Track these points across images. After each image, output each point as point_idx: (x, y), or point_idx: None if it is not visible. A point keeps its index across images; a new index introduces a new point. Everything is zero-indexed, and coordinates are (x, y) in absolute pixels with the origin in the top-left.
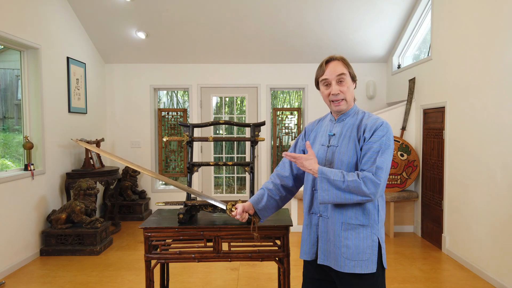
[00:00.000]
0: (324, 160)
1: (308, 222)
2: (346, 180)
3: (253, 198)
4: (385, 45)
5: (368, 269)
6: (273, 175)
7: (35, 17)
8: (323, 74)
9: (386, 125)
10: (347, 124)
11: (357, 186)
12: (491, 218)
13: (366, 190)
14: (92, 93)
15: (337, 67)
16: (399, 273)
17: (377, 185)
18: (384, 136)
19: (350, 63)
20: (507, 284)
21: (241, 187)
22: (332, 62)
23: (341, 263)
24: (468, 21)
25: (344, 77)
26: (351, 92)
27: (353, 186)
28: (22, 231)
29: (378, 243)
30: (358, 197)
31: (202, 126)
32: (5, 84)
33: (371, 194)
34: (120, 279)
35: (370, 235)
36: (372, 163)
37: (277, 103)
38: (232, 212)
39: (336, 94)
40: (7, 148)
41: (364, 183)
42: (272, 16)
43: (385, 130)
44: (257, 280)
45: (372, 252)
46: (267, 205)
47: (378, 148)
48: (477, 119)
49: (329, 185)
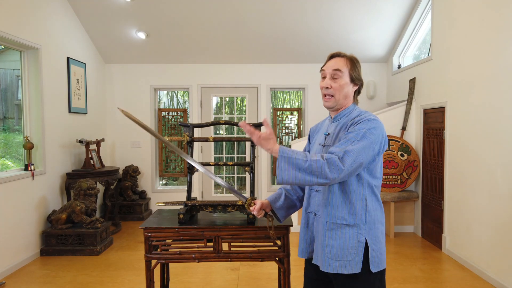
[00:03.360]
0: None
1: (305, 221)
2: (309, 159)
3: (271, 196)
4: (385, 45)
5: (352, 269)
6: None
7: (35, 17)
8: (324, 65)
9: (374, 121)
10: (340, 124)
11: (320, 166)
12: (491, 218)
13: (328, 172)
14: (92, 93)
15: (337, 63)
16: (399, 273)
17: (340, 170)
18: (365, 129)
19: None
20: (507, 284)
21: (241, 187)
22: (337, 57)
23: (325, 263)
24: (468, 21)
25: (340, 74)
26: (344, 91)
27: (316, 166)
28: (22, 231)
29: (365, 244)
30: (318, 179)
31: (202, 126)
32: (5, 84)
33: (332, 179)
34: (121, 279)
35: (356, 235)
36: (341, 148)
37: (277, 103)
38: (251, 207)
39: (325, 88)
40: (8, 148)
41: (328, 164)
42: (272, 16)
43: (369, 124)
44: (257, 280)
45: (357, 252)
46: (285, 204)
47: (354, 137)
48: (477, 119)
49: (289, 165)
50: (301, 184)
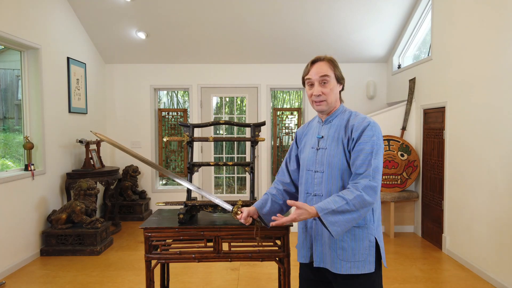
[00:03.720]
0: (315, 163)
1: (304, 226)
2: (349, 200)
3: (257, 203)
4: (385, 45)
5: (365, 269)
6: (275, 181)
7: (35, 17)
8: (308, 73)
9: (374, 124)
10: (334, 126)
11: (360, 200)
12: (491, 218)
13: (367, 198)
14: (92, 93)
15: (322, 68)
16: (399, 273)
17: (376, 189)
18: (374, 136)
19: (350, 63)
20: (507, 284)
21: (241, 187)
22: (318, 62)
23: (337, 265)
24: (468, 21)
25: (328, 79)
26: (334, 93)
27: (356, 202)
28: (22, 231)
29: (375, 243)
30: (364, 209)
31: (202, 126)
32: (6, 84)
33: (373, 201)
34: (121, 279)
35: (366, 236)
36: (367, 166)
37: (277, 103)
38: (237, 216)
39: (317, 95)
40: (8, 148)
41: (365, 193)
42: (272, 16)
43: (374, 130)
44: (257, 280)
45: (369, 252)
46: (271, 210)
47: (371, 149)
48: (478, 119)
49: (335, 216)
50: (354, 224)
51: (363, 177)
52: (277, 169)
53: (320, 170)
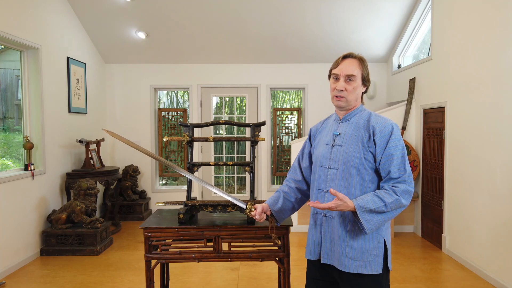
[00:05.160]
0: (329, 160)
1: (313, 222)
2: (387, 203)
3: (269, 200)
4: (385, 45)
5: (372, 270)
6: (287, 179)
7: (35, 17)
8: (336, 67)
9: (396, 126)
10: (352, 124)
11: (398, 203)
12: (491, 218)
13: (404, 202)
14: (92, 93)
15: (351, 66)
16: (399, 273)
17: (411, 193)
18: (401, 140)
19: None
20: (507, 284)
21: (241, 187)
22: (349, 59)
23: (345, 263)
24: (468, 21)
25: (354, 79)
26: (356, 93)
27: (395, 205)
28: (22, 231)
29: (384, 244)
30: (398, 210)
31: (202, 126)
32: (5, 84)
33: (407, 205)
34: (120, 279)
35: (376, 236)
36: (404, 170)
37: (277, 103)
38: (252, 212)
39: (340, 90)
40: (7, 148)
41: (403, 198)
42: (272, 16)
43: (398, 133)
44: (257, 280)
45: (377, 253)
46: (283, 207)
47: (402, 153)
48: (477, 119)
49: (372, 216)
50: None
51: (400, 181)
52: (277, 169)
53: (334, 167)
